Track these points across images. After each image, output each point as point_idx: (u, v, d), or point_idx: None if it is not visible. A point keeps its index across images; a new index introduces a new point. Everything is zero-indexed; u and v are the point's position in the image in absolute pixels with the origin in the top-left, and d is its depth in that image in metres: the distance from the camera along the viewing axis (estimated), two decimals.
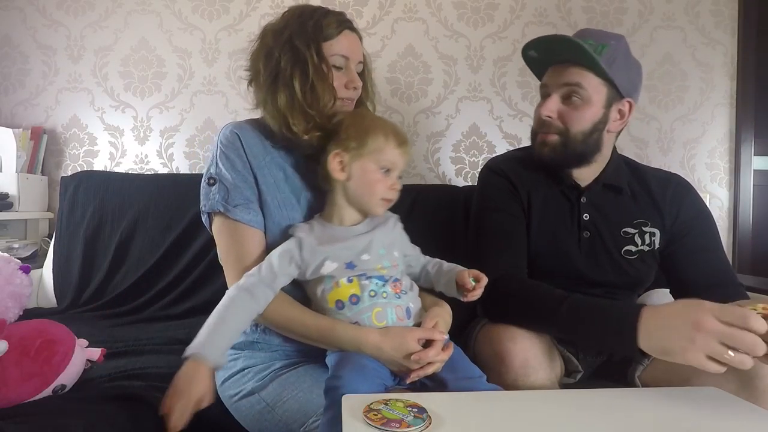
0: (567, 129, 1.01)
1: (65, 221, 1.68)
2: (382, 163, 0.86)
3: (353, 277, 0.83)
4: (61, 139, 1.97)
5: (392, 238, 0.89)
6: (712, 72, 1.84)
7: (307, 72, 0.89)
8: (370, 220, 0.90)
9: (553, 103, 1.00)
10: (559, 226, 1.08)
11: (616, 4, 1.85)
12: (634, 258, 1.07)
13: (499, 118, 1.89)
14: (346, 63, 0.94)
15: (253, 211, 0.90)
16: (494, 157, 1.23)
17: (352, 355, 0.80)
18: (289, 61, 0.90)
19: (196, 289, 1.54)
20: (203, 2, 1.93)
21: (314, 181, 0.95)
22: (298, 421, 0.80)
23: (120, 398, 0.91)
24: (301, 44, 0.89)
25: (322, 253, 0.84)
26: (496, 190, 1.11)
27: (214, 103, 1.93)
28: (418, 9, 1.89)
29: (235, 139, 0.92)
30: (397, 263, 0.88)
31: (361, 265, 0.83)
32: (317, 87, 0.89)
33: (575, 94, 0.99)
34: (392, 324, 0.82)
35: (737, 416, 0.67)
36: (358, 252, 0.84)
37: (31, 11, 1.97)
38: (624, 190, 1.08)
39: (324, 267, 0.83)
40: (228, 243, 0.91)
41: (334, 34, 0.92)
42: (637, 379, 0.99)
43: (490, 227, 1.08)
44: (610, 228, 1.07)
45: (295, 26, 0.91)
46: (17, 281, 1.12)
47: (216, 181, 0.91)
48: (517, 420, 0.66)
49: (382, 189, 0.86)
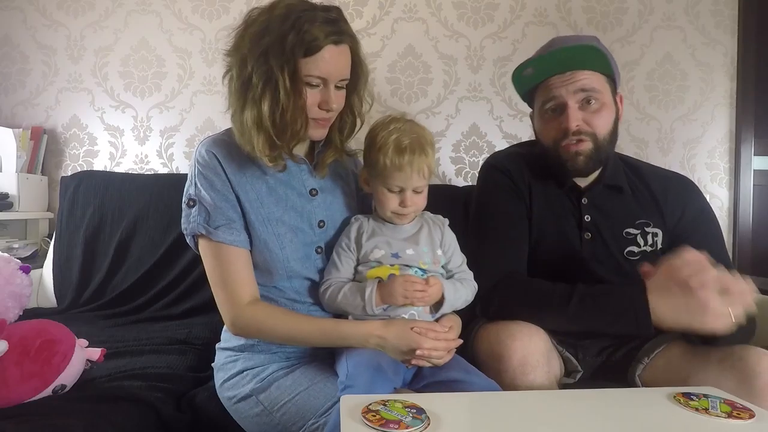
0: (596, 134, 1.00)
1: (65, 221, 1.68)
2: (389, 186, 0.89)
3: (396, 264, 0.89)
4: (61, 139, 1.98)
5: (437, 239, 0.94)
6: (712, 72, 1.84)
7: (278, 97, 0.82)
8: (419, 220, 0.96)
9: (576, 111, 0.99)
10: (560, 227, 1.07)
11: (616, 4, 1.85)
12: (636, 259, 1.05)
13: (499, 118, 1.89)
14: (324, 82, 0.85)
15: (236, 231, 0.88)
16: (495, 153, 1.21)
17: (367, 356, 0.81)
18: (260, 79, 0.82)
19: (196, 289, 1.54)
20: (203, 2, 1.93)
21: (300, 186, 0.95)
22: (296, 424, 0.81)
23: (120, 398, 0.91)
24: (275, 64, 0.81)
25: (373, 240, 0.91)
26: (496, 188, 1.10)
27: (214, 103, 1.93)
28: (418, 9, 1.89)
29: (212, 158, 0.89)
30: (439, 261, 0.93)
31: (405, 257, 0.90)
32: (287, 114, 0.83)
33: (592, 98, 0.99)
34: (418, 314, 0.88)
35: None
36: (403, 246, 0.91)
37: (31, 11, 1.97)
38: (625, 189, 1.07)
39: (373, 253, 0.90)
40: (213, 264, 0.89)
41: (314, 51, 0.82)
42: (637, 378, 0.99)
43: (491, 226, 1.07)
44: (612, 229, 1.06)
45: (275, 36, 0.81)
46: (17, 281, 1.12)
47: (195, 203, 0.89)
48: (516, 420, 0.66)
49: (392, 206, 0.90)
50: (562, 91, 0.99)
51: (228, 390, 0.92)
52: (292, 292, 0.93)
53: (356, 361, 0.81)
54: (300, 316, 0.90)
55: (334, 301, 0.89)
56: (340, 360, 0.84)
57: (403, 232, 0.93)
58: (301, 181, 0.96)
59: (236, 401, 0.90)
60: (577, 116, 0.98)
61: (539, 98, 1.05)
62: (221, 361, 0.96)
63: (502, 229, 1.06)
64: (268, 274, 0.91)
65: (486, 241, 1.06)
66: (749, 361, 0.84)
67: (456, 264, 0.96)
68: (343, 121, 0.96)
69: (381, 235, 0.92)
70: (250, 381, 0.89)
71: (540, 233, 1.07)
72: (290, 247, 0.91)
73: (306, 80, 0.84)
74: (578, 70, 0.98)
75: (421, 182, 0.89)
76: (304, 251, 0.93)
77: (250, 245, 0.91)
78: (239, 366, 0.92)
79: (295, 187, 0.95)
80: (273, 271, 0.90)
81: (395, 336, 0.81)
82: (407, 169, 0.86)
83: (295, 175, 0.95)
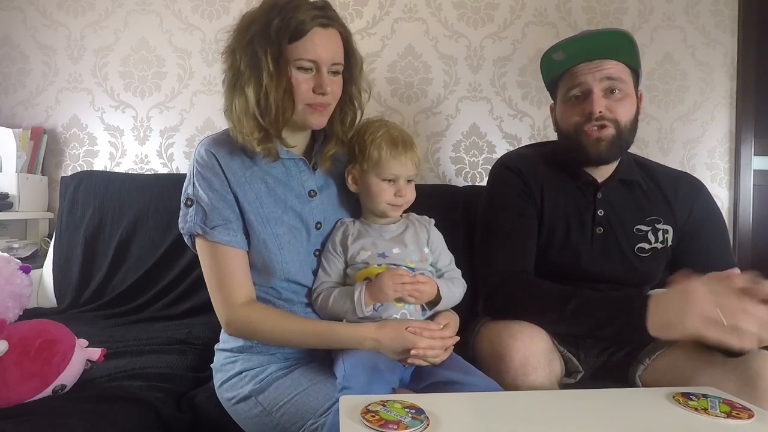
0: (618, 121, 1.01)
1: (65, 221, 1.68)
2: (383, 176, 0.91)
3: (383, 263, 0.90)
4: (61, 139, 1.97)
5: (423, 238, 0.95)
6: (712, 72, 1.83)
7: (261, 79, 0.83)
8: (404, 221, 0.97)
9: (600, 98, 1.01)
10: (572, 222, 1.07)
11: (616, 4, 1.85)
12: (646, 256, 1.06)
13: (499, 118, 1.88)
14: (316, 66, 0.85)
15: (232, 231, 0.88)
16: (508, 152, 1.23)
17: (364, 357, 0.81)
18: (247, 66, 0.84)
19: (196, 289, 1.53)
20: (203, 2, 1.93)
21: (299, 187, 0.95)
22: (296, 425, 0.80)
23: (120, 398, 0.91)
24: (259, 48, 0.82)
25: (359, 242, 0.92)
26: (507, 188, 1.10)
27: (214, 103, 1.93)
28: (418, 9, 1.89)
29: (211, 158, 0.89)
30: (426, 259, 0.94)
31: (392, 256, 0.91)
32: (270, 96, 0.83)
33: (617, 87, 1.01)
34: (409, 313, 0.88)
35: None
36: (389, 245, 0.92)
37: (31, 11, 1.97)
38: (639, 184, 1.09)
39: (360, 255, 0.91)
40: (209, 264, 0.90)
41: (301, 34, 0.82)
42: (638, 378, 0.99)
43: (499, 226, 1.07)
44: (623, 225, 1.07)
45: (261, 24, 0.83)
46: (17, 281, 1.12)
47: (193, 203, 0.89)
48: (515, 420, 0.66)
49: (387, 197, 0.92)
50: (588, 77, 1.01)
51: (227, 391, 0.92)
52: (288, 293, 0.93)
53: (353, 362, 0.81)
54: (295, 319, 0.89)
55: (325, 307, 0.90)
56: (338, 361, 0.84)
57: (388, 232, 0.95)
58: (300, 182, 0.96)
59: (235, 402, 0.90)
60: (601, 102, 1.00)
61: (564, 85, 1.06)
62: (220, 362, 0.96)
63: (510, 229, 1.07)
64: (266, 275, 0.91)
65: (494, 240, 1.07)
66: (753, 364, 0.84)
67: (444, 263, 0.97)
68: (343, 112, 0.96)
69: (367, 236, 0.93)
70: (249, 382, 0.89)
71: (550, 232, 1.07)
72: (288, 247, 0.91)
73: (297, 65, 0.84)
74: (606, 59, 1.00)
75: (412, 171, 0.94)
76: (302, 252, 0.93)
77: (248, 245, 0.91)
78: (238, 367, 0.92)
79: (294, 188, 0.95)
80: (270, 272, 0.90)
81: (390, 338, 0.82)
82: (402, 157, 0.91)
83: (294, 176, 0.95)
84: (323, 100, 0.88)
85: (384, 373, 0.80)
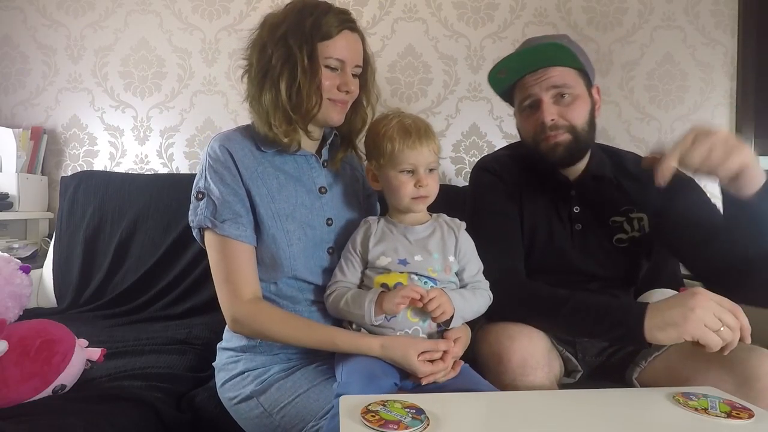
0: (573, 125, 1.03)
1: (65, 221, 1.68)
2: (401, 167, 0.88)
3: (405, 271, 0.87)
4: (61, 139, 1.98)
5: (451, 245, 0.91)
6: (712, 72, 1.83)
7: (295, 74, 0.87)
8: (432, 223, 0.93)
9: (550, 106, 1.02)
10: (551, 222, 1.09)
11: (616, 4, 1.85)
12: (625, 246, 1.08)
13: (499, 118, 1.88)
14: (342, 65, 0.90)
15: (242, 225, 0.89)
16: (483, 156, 1.24)
17: (360, 364, 0.81)
18: (279, 59, 0.87)
19: (196, 289, 1.54)
20: (203, 2, 1.93)
21: (310, 183, 0.96)
22: (296, 427, 0.81)
23: (120, 398, 0.91)
24: (294, 43, 0.87)
25: (381, 246, 0.89)
26: (489, 190, 1.12)
27: (214, 103, 1.93)
28: (418, 9, 1.89)
29: (225, 153, 0.90)
30: (451, 268, 0.89)
31: (414, 264, 0.87)
32: (303, 90, 0.87)
33: (565, 92, 1.02)
34: (426, 326, 0.85)
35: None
36: (412, 251, 0.88)
37: (31, 11, 1.97)
38: (609, 178, 1.10)
39: (380, 260, 0.88)
40: (217, 258, 0.90)
41: (332, 34, 0.88)
42: (634, 380, 0.99)
43: (487, 229, 1.07)
44: (599, 218, 1.09)
45: (293, 22, 0.88)
46: (17, 281, 1.12)
47: (204, 196, 0.90)
48: (515, 421, 0.66)
49: (408, 191, 0.88)
50: (535, 88, 1.03)
51: (229, 391, 0.92)
52: (293, 291, 0.93)
53: (350, 368, 0.80)
54: (299, 323, 0.89)
55: (336, 306, 0.89)
56: (337, 365, 0.84)
57: (414, 233, 0.91)
58: (311, 178, 0.97)
59: (237, 402, 0.90)
60: (551, 110, 1.02)
61: (517, 97, 1.09)
62: (223, 362, 0.96)
63: (496, 228, 1.08)
64: (273, 271, 0.91)
65: (481, 241, 1.06)
66: (750, 364, 0.84)
67: (471, 273, 0.92)
68: (356, 112, 1.00)
69: (390, 239, 0.90)
70: (251, 382, 0.89)
71: (532, 233, 1.09)
72: (298, 244, 0.91)
73: (325, 63, 0.89)
74: (548, 67, 1.02)
75: (432, 159, 0.89)
76: (312, 249, 0.93)
77: (258, 241, 0.91)
78: (241, 367, 0.92)
79: (305, 184, 0.96)
80: (278, 268, 0.90)
81: (392, 359, 0.81)
82: (416, 145, 0.87)
83: (305, 172, 0.97)
84: (345, 97, 0.93)
85: (381, 378, 0.79)
